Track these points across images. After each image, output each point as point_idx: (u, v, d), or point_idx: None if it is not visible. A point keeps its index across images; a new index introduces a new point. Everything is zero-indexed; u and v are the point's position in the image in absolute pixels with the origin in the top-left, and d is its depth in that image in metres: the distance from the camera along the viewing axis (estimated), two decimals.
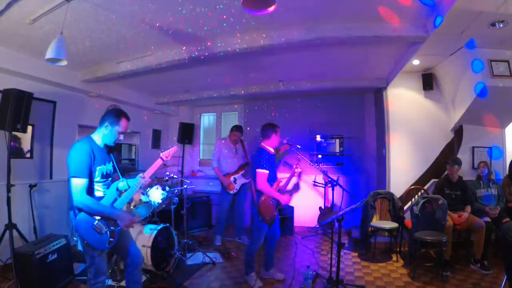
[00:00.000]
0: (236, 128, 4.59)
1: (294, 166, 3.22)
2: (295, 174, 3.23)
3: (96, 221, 2.00)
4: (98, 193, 2.11)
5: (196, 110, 6.73)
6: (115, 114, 2.14)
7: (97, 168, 2.06)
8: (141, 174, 2.17)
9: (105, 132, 2.12)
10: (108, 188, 2.16)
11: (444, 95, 4.67)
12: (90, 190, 2.05)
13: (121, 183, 2.20)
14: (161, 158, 2.28)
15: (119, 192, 2.16)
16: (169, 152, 2.32)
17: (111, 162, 2.22)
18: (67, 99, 4.22)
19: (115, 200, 2.13)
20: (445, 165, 3.90)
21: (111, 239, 2.05)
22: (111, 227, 2.06)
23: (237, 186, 4.49)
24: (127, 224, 2.09)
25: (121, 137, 2.17)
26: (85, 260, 2.08)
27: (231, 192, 4.47)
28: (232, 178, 4.49)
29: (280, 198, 3.05)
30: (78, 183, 1.94)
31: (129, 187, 2.18)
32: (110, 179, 2.21)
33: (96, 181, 2.08)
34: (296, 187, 5.28)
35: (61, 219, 4.06)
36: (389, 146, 4.76)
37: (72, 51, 3.17)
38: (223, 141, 4.66)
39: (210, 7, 2.55)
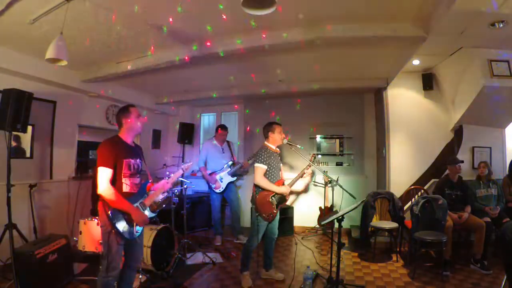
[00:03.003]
0: (222, 127, 4.71)
1: (305, 167, 3.20)
2: (304, 175, 3.22)
3: None
4: (125, 187, 2.20)
5: (196, 110, 6.73)
6: (124, 108, 2.33)
7: (124, 160, 2.19)
8: (165, 180, 2.48)
9: (127, 126, 2.29)
10: (136, 184, 2.29)
11: (444, 95, 4.67)
12: (116, 183, 2.17)
13: (149, 184, 2.38)
14: (182, 169, 2.64)
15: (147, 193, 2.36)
16: (188, 165, 2.74)
17: (140, 159, 2.36)
18: (67, 99, 4.22)
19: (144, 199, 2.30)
20: (446, 166, 3.88)
21: (137, 231, 2.24)
22: None
23: (223, 185, 4.55)
24: (140, 221, 2.19)
25: (141, 118, 2.36)
26: (102, 250, 2.18)
27: (217, 190, 4.54)
28: (218, 177, 4.54)
29: (278, 191, 3.04)
30: (103, 172, 2.09)
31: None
32: (138, 175, 2.31)
33: (123, 174, 2.19)
34: (306, 189, 5.30)
35: (61, 219, 4.07)
36: (389, 146, 4.76)
37: (72, 51, 3.16)
38: (210, 141, 4.76)
39: (210, 7, 2.55)
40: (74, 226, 3.96)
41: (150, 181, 2.40)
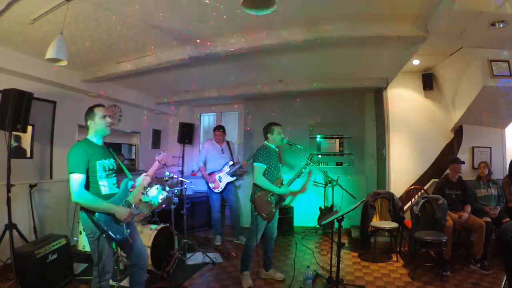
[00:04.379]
0: (218, 128, 4.72)
1: (303, 167, 3.20)
2: (301, 175, 3.21)
3: None
4: (104, 189, 2.14)
5: (196, 110, 6.74)
6: (89, 110, 2.25)
7: (97, 162, 2.12)
8: (144, 174, 2.36)
9: (94, 127, 2.21)
10: (114, 184, 2.24)
11: (444, 95, 4.67)
12: (95, 187, 2.11)
13: (133, 184, 2.32)
14: (158, 160, 2.50)
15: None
16: (162, 156, 2.58)
17: (113, 158, 2.29)
18: (67, 99, 4.22)
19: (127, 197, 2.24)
20: (449, 165, 3.88)
21: (127, 230, 2.18)
22: None
23: (222, 185, 4.55)
24: (125, 218, 2.13)
25: (108, 119, 2.25)
26: (93, 258, 2.12)
27: (216, 190, 4.54)
28: (217, 177, 4.53)
29: (278, 191, 3.03)
30: (75, 178, 2.01)
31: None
32: (114, 174, 2.26)
33: (100, 177, 2.12)
34: (304, 189, 5.31)
35: (61, 219, 4.07)
36: (389, 146, 4.76)
37: (72, 51, 3.18)
38: (210, 142, 4.76)
39: (210, 7, 2.55)
40: (74, 226, 3.96)
41: (130, 177, 2.33)
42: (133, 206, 2.22)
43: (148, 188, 3.32)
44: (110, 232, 2.05)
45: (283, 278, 3.23)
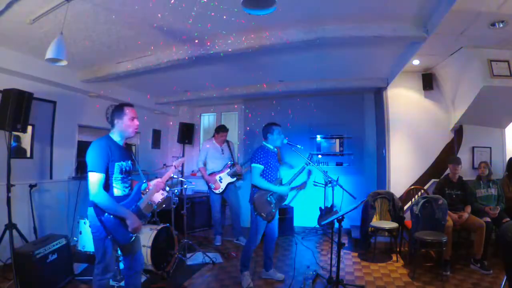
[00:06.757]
0: (223, 129, 4.70)
1: (303, 166, 3.21)
2: (302, 172, 3.22)
3: None
4: (117, 191, 2.11)
5: (196, 110, 6.74)
6: (118, 108, 2.23)
7: (116, 164, 2.08)
8: (158, 179, 2.38)
9: (120, 127, 2.18)
10: (127, 186, 2.20)
11: (444, 95, 4.67)
12: (107, 188, 2.07)
13: (147, 187, 2.31)
14: (174, 166, 2.48)
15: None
16: (179, 161, 2.58)
17: (131, 160, 2.25)
18: (67, 99, 4.23)
19: (139, 201, 2.21)
20: (448, 165, 3.89)
21: (132, 235, 2.12)
22: None
23: (222, 185, 4.53)
24: (135, 228, 2.07)
25: (136, 121, 2.25)
26: (96, 257, 2.11)
27: (217, 191, 4.53)
28: (217, 177, 4.53)
29: (277, 190, 3.03)
30: (95, 177, 1.97)
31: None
32: (129, 177, 2.23)
33: (114, 178, 2.09)
34: (303, 186, 5.33)
35: (61, 219, 4.07)
36: (389, 146, 4.76)
37: (72, 51, 3.18)
38: (210, 142, 4.74)
39: (210, 7, 2.55)
40: (74, 226, 3.96)
41: (144, 181, 2.31)
42: (143, 211, 2.20)
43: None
44: (115, 235, 2.03)
45: (283, 278, 3.23)
